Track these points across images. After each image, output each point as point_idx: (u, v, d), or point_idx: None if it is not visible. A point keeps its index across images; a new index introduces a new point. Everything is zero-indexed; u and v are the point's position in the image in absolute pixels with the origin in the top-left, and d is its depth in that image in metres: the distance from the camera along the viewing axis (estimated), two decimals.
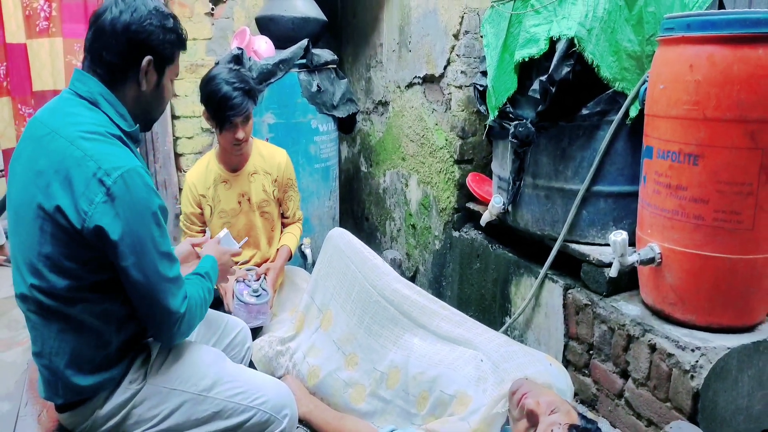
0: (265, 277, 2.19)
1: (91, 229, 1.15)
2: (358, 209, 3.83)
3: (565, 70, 1.82)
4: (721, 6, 1.95)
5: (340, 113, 3.03)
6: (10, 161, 1.30)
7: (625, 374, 1.71)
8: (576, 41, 1.78)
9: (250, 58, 2.77)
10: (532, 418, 1.30)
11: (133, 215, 1.18)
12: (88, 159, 1.16)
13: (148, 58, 1.27)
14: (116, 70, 1.26)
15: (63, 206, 1.15)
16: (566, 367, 1.83)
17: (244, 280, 2.14)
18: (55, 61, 3.02)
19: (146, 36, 1.25)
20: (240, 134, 2.05)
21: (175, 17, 1.33)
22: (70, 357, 1.24)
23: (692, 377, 1.47)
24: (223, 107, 1.99)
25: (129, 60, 1.26)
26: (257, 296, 2.12)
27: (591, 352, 1.84)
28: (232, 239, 1.79)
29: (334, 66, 3.05)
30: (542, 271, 2.02)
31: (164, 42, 1.28)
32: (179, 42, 1.34)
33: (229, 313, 2.03)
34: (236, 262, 2.16)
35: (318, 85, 2.90)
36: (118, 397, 1.31)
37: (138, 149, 1.35)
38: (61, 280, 1.19)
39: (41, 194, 1.17)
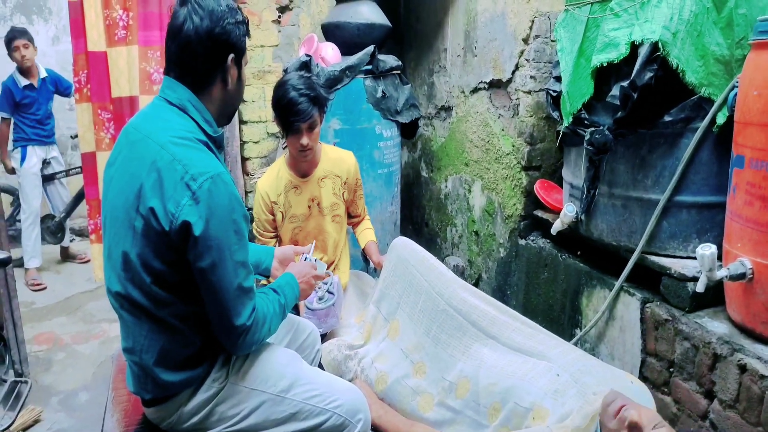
0: (325, 282, 2.19)
1: (177, 228, 1.19)
2: (418, 215, 3.82)
3: (648, 75, 1.75)
4: None
5: (404, 119, 3.03)
6: (106, 165, 1.37)
7: (710, 395, 1.62)
8: (660, 45, 1.72)
9: (317, 64, 2.81)
10: (635, 430, 1.23)
11: (215, 219, 1.21)
12: (176, 163, 1.21)
13: (231, 55, 1.31)
14: (204, 74, 1.31)
15: (155, 208, 1.20)
16: (643, 383, 1.76)
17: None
18: (131, 68, 3.15)
19: (227, 36, 1.29)
20: (304, 140, 2.07)
21: (239, 7, 1.36)
22: (159, 355, 1.29)
23: None
24: (288, 112, 2.02)
25: (216, 62, 1.30)
26: (322, 300, 2.13)
27: (671, 369, 1.76)
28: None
29: (399, 72, 3.06)
30: (618, 283, 1.95)
31: (240, 36, 1.33)
32: (247, 30, 1.37)
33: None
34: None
35: (383, 91, 2.92)
36: (202, 395, 1.34)
37: (222, 154, 1.39)
38: (149, 278, 1.24)
39: (134, 196, 1.23)
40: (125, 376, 1.40)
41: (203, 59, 1.28)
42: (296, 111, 2.01)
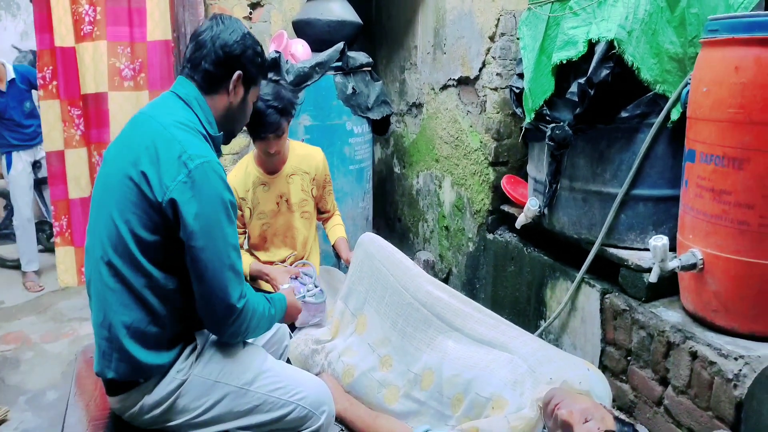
0: (308, 275, 2.21)
1: (168, 202, 1.25)
2: (391, 210, 3.85)
3: (604, 72, 1.80)
4: None
5: (375, 115, 3.05)
6: (108, 146, 1.43)
7: (664, 381, 1.68)
8: (616, 43, 1.77)
9: (287, 61, 2.82)
10: (567, 429, 1.29)
11: (208, 201, 1.27)
12: (176, 142, 1.28)
13: (238, 72, 1.41)
14: (211, 78, 1.40)
15: (149, 175, 1.26)
16: (603, 372, 1.81)
17: (297, 277, 2.16)
18: (98, 64, 3.09)
19: (240, 53, 1.40)
20: (272, 149, 2.09)
21: (262, 47, 1.48)
22: (129, 327, 1.30)
23: (735, 386, 1.44)
24: (256, 123, 2.00)
25: (223, 71, 1.40)
26: (315, 296, 2.14)
27: (629, 358, 1.82)
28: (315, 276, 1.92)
29: (369, 68, 3.07)
30: (579, 275, 2.00)
31: (253, 62, 1.44)
32: (263, 67, 1.50)
33: None
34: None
35: (353, 88, 2.93)
36: (166, 386, 1.35)
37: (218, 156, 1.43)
38: (135, 245, 1.27)
39: (130, 165, 1.29)
40: (91, 372, 1.39)
41: (211, 63, 1.38)
42: (263, 123, 2.00)
